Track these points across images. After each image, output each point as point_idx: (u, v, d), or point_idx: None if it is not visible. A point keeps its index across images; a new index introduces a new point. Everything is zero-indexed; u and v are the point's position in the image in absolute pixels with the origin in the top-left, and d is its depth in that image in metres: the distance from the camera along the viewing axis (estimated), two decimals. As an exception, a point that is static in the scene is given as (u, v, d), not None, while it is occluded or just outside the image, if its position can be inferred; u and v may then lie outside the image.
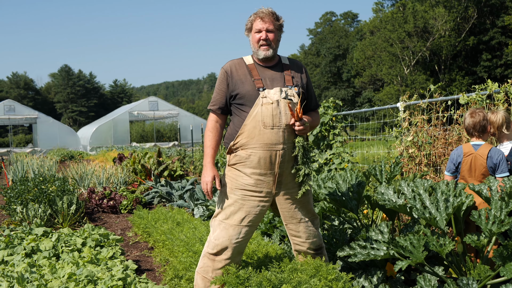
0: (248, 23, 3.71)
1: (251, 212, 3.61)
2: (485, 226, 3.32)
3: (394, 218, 4.13)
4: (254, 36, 3.68)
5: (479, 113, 4.52)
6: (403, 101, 6.95)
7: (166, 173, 11.80)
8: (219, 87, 3.72)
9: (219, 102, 3.71)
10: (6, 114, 34.40)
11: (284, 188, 3.67)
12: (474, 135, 4.54)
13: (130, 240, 6.84)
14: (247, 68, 3.69)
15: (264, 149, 3.52)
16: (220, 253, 3.60)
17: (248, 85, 3.60)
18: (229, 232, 3.59)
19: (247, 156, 3.55)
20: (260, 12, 3.66)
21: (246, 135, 3.53)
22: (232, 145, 3.61)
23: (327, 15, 74.51)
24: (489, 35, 45.43)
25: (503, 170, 4.31)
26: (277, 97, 3.54)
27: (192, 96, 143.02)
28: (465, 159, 4.46)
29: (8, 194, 8.26)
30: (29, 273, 4.67)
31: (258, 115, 3.51)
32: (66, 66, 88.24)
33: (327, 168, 8.82)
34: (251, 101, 3.56)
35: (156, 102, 37.91)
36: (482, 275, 3.16)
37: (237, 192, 3.61)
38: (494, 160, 4.33)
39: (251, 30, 3.70)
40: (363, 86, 57.74)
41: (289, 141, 3.58)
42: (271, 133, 3.51)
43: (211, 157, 3.70)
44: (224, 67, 3.74)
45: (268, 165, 3.55)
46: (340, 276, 3.38)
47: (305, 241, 3.75)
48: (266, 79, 3.64)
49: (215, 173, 3.68)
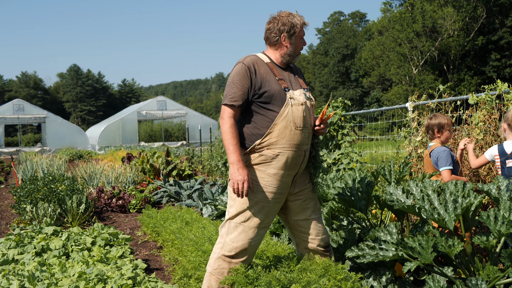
0: (291, 28, 3.60)
1: (270, 214, 3.59)
2: (494, 227, 3.31)
3: (403, 218, 4.13)
4: (298, 42, 3.65)
5: (435, 117, 5.14)
6: (412, 101, 6.94)
7: (175, 173, 11.84)
8: (240, 83, 3.52)
9: (241, 98, 3.51)
10: (15, 113, 34.60)
11: (298, 186, 3.69)
12: (428, 137, 5.21)
13: (139, 239, 6.87)
14: (267, 66, 3.62)
15: (293, 149, 3.51)
16: (238, 256, 3.55)
17: (274, 84, 3.53)
18: (249, 235, 3.53)
19: (274, 155, 3.50)
20: (303, 20, 3.64)
21: (276, 134, 3.48)
22: (258, 143, 3.51)
23: (336, 14, 74.48)
24: (498, 34, 45.18)
25: (441, 164, 4.83)
26: (303, 99, 3.56)
27: (200, 95, 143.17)
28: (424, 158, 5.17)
29: (18, 193, 8.31)
30: (40, 272, 4.70)
31: (289, 115, 3.48)
32: (75, 66, 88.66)
33: (335, 168, 8.82)
34: (280, 101, 3.51)
35: (165, 102, 37.98)
36: (491, 276, 3.15)
37: (258, 194, 3.53)
38: (434, 158, 4.94)
39: (294, 34, 3.62)
40: (372, 86, 57.64)
41: (310, 141, 3.65)
42: (301, 134, 3.52)
43: (239, 154, 3.46)
44: (244, 62, 3.56)
45: (294, 165, 3.56)
46: (349, 276, 3.38)
47: (315, 237, 3.74)
48: (287, 79, 3.63)
49: (247, 171, 3.48)
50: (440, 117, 5.11)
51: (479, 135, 5.56)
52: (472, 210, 3.65)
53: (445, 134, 5.08)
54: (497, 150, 4.68)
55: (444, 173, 4.78)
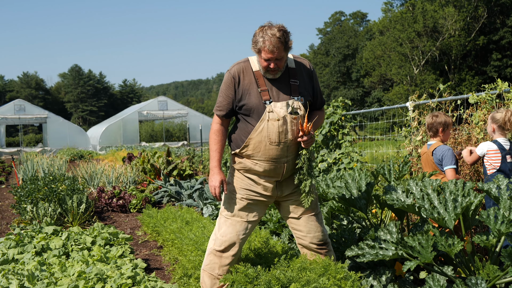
0: (255, 46, 3.42)
1: (256, 209, 3.71)
2: (494, 226, 3.30)
3: (403, 217, 4.12)
4: (262, 61, 3.45)
5: (439, 115, 5.15)
6: (412, 100, 6.93)
7: (175, 173, 11.84)
8: (225, 93, 3.59)
9: (226, 108, 3.60)
10: (16, 113, 34.61)
11: (286, 190, 3.73)
12: (430, 135, 5.22)
13: (139, 239, 6.87)
14: (253, 75, 3.55)
15: (269, 163, 3.56)
16: (228, 249, 3.66)
17: (254, 97, 3.50)
18: (237, 228, 3.66)
19: (252, 165, 3.60)
20: (268, 43, 3.32)
21: (252, 148, 3.53)
22: (238, 152, 3.62)
23: (337, 14, 74.43)
24: (499, 34, 45.11)
25: (446, 163, 4.89)
26: (283, 113, 3.47)
27: (201, 95, 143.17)
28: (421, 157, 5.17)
29: (18, 193, 8.32)
30: (39, 271, 4.70)
31: (264, 131, 3.47)
32: (76, 66, 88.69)
33: (336, 168, 8.81)
34: (257, 114, 3.50)
35: (166, 102, 37.98)
36: (491, 275, 3.15)
37: (242, 191, 3.68)
38: (438, 156, 4.97)
39: (259, 54, 3.43)
40: (373, 86, 57.58)
41: (292, 153, 3.60)
42: (277, 149, 3.51)
43: (217, 161, 3.67)
44: (230, 71, 3.58)
45: (274, 174, 3.62)
46: (348, 275, 3.38)
47: (306, 234, 3.79)
48: (273, 89, 3.53)
49: (222, 177, 3.65)
50: (443, 116, 5.14)
51: (479, 134, 5.56)
52: (472, 209, 3.64)
53: (447, 133, 5.14)
54: (495, 146, 4.77)
55: (449, 172, 4.83)
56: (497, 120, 4.82)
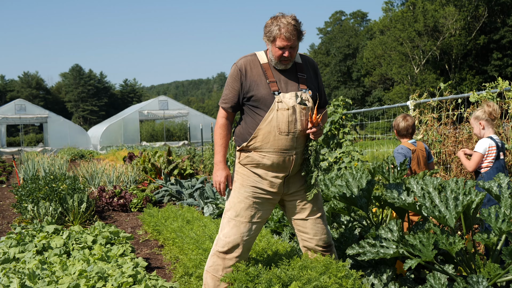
0: (270, 35, 3.45)
1: (261, 209, 3.63)
2: (495, 224, 3.30)
3: (403, 216, 4.12)
4: (275, 50, 3.47)
5: (409, 118, 5.32)
6: (413, 99, 6.93)
7: (176, 172, 11.83)
8: (231, 85, 3.60)
9: (231, 100, 3.60)
10: (17, 113, 34.65)
11: (293, 187, 3.68)
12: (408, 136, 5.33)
13: (140, 238, 6.87)
14: (261, 67, 3.57)
15: (278, 154, 3.51)
16: (231, 250, 3.59)
17: (263, 88, 3.51)
18: (241, 229, 3.58)
19: (260, 158, 3.54)
20: (285, 30, 3.39)
21: (261, 139, 3.50)
22: (245, 145, 3.57)
23: (337, 14, 74.42)
24: (500, 34, 45.07)
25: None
26: (292, 103, 3.48)
27: (202, 95, 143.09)
28: (413, 155, 5.21)
29: (19, 193, 8.32)
30: (40, 270, 4.70)
31: (273, 121, 3.46)
32: (77, 66, 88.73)
33: (336, 167, 8.81)
34: (266, 105, 3.50)
35: (166, 102, 38.00)
36: (492, 273, 3.15)
37: (248, 189, 3.60)
38: (428, 150, 5.26)
39: (273, 42, 3.46)
40: (373, 85, 57.58)
41: (301, 145, 3.58)
42: (286, 139, 3.49)
43: (223, 156, 3.65)
44: (237, 64, 3.60)
45: (282, 168, 3.57)
46: (350, 274, 3.38)
47: (312, 237, 3.74)
48: (281, 81, 3.55)
49: (227, 172, 3.64)
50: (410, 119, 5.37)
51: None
52: (473, 208, 3.64)
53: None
54: (494, 142, 4.75)
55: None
56: (481, 116, 4.82)
